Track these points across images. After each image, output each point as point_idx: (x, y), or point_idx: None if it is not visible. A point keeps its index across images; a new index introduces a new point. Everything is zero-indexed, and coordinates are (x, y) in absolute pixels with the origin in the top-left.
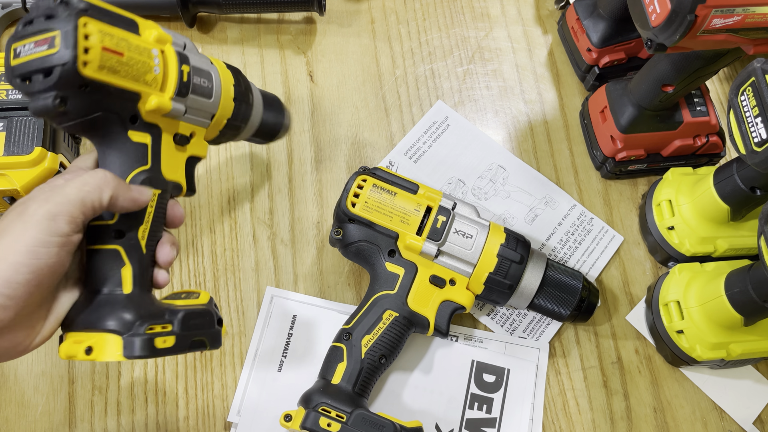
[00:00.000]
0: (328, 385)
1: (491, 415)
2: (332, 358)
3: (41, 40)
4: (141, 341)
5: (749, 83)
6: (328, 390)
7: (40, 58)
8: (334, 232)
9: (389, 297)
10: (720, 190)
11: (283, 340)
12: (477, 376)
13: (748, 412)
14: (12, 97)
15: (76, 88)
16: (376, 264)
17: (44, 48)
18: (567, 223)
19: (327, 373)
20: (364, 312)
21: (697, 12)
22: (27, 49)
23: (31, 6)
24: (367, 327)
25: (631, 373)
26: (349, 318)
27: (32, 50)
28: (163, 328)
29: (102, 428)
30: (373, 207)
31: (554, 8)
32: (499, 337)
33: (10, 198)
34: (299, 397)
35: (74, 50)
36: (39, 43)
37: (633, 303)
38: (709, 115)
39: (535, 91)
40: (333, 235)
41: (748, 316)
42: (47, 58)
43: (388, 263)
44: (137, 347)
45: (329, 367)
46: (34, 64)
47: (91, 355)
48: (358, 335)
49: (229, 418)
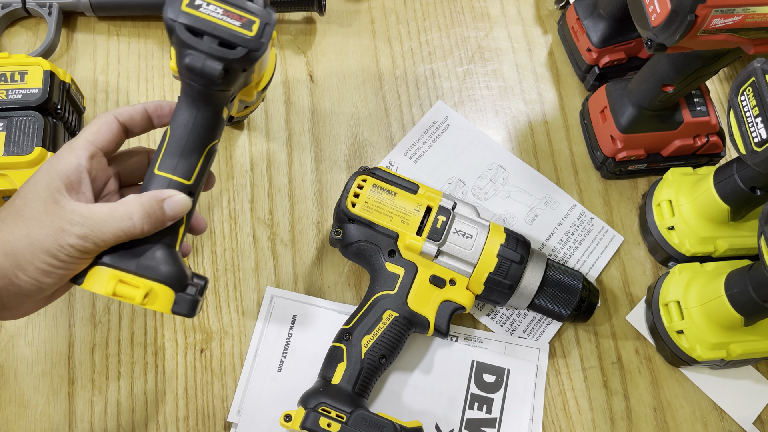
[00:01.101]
0: (328, 385)
1: (491, 416)
2: (332, 358)
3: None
4: (191, 301)
5: (749, 83)
6: (328, 390)
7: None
8: (334, 232)
9: (389, 297)
10: (720, 190)
11: (283, 340)
12: (477, 377)
13: (748, 413)
14: (12, 97)
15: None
16: (376, 264)
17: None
18: (567, 223)
19: (327, 373)
20: (364, 312)
21: (697, 12)
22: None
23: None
24: (367, 327)
25: (631, 373)
26: (348, 318)
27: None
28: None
29: (102, 428)
30: (373, 207)
31: (554, 8)
32: (499, 337)
33: (9, 198)
34: (299, 397)
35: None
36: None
37: (633, 303)
38: (709, 115)
39: (535, 91)
40: (333, 235)
41: (749, 316)
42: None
43: (388, 263)
44: (186, 307)
45: (329, 367)
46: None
47: (146, 301)
48: (358, 335)
49: (229, 418)
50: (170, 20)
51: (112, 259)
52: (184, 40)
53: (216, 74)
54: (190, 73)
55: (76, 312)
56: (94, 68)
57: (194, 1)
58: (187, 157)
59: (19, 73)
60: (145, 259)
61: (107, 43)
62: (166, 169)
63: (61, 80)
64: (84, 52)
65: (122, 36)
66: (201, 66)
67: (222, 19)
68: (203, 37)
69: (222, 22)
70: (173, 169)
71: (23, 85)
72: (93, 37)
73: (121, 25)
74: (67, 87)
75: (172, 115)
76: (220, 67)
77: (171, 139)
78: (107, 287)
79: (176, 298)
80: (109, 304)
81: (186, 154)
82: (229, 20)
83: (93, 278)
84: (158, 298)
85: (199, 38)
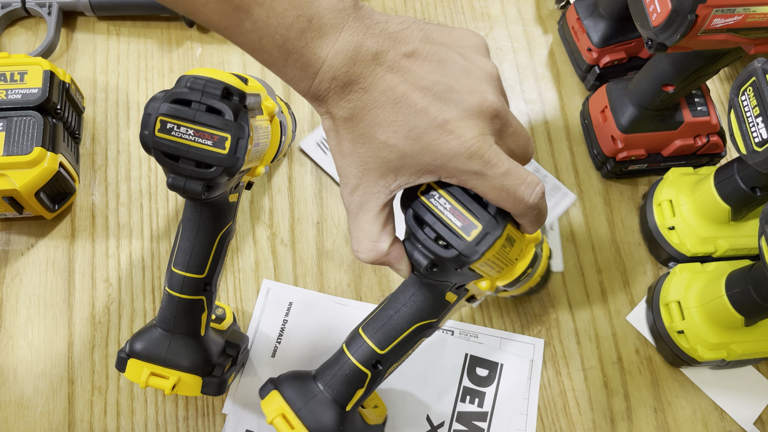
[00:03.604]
0: (343, 412)
1: (483, 409)
2: (354, 382)
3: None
4: (217, 383)
5: (750, 83)
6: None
7: None
8: (430, 266)
9: (432, 326)
10: (721, 190)
11: (278, 327)
12: (470, 370)
13: (749, 413)
14: (11, 97)
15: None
16: (436, 294)
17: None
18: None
19: (344, 397)
20: (403, 341)
21: (698, 12)
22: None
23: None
24: (399, 356)
25: (632, 374)
26: (380, 340)
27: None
28: (228, 368)
29: (102, 429)
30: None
31: (554, 8)
32: (495, 332)
33: (9, 198)
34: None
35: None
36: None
37: (633, 303)
38: (709, 114)
39: (536, 90)
40: (427, 267)
41: (749, 317)
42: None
43: (449, 293)
44: (213, 389)
45: (348, 392)
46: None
47: (175, 390)
48: (389, 365)
49: (224, 411)
50: (146, 145)
51: (144, 352)
52: (163, 165)
53: (198, 192)
54: (176, 192)
55: (75, 312)
56: (93, 68)
57: (166, 125)
58: (198, 252)
59: (18, 73)
60: (171, 353)
61: (107, 43)
62: (179, 267)
63: (61, 80)
64: (84, 51)
65: (122, 36)
66: (183, 186)
67: (194, 141)
68: (179, 161)
69: (194, 143)
70: (186, 265)
71: (23, 85)
72: (93, 37)
73: (120, 24)
74: (66, 87)
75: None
76: (200, 188)
77: (181, 237)
78: (142, 378)
79: (204, 381)
80: (108, 304)
81: (197, 248)
82: (201, 140)
83: (131, 369)
84: (187, 386)
85: (175, 162)
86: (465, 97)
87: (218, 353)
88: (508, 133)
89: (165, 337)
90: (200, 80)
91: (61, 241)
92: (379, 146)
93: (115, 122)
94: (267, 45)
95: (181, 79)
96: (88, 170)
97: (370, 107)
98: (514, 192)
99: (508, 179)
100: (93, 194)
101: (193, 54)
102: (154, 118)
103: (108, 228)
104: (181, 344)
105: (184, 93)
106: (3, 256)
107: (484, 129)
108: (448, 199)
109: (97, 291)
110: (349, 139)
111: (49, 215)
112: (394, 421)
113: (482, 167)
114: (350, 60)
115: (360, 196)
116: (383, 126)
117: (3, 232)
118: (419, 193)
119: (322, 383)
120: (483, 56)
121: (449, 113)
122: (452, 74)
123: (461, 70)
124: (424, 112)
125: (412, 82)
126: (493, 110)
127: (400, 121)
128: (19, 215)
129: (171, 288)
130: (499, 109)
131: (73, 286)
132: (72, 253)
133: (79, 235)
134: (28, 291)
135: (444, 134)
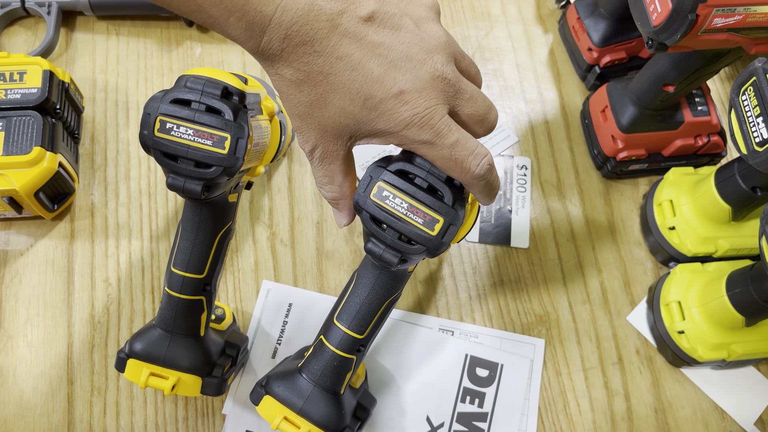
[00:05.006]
0: (337, 395)
1: (483, 410)
2: (342, 370)
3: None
4: (217, 384)
5: (750, 83)
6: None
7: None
8: (400, 262)
9: (399, 295)
10: (721, 190)
11: (278, 328)
12: (470, 371)
13: (749, 413)
14: (11, 97)
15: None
16: (399, 272)
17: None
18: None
19: (336, 385)
20: (378, 319)
21: (699, 11)
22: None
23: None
24: (378, 331)
25: (632, 374)
26: (358, 325)
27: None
28: (227, 368)
29: (101, 429)
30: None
31: (555, 7)
32: (495, 332)
33: (8, 198)
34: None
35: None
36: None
37: (634, 303)
38: (710, 114)
39: (536, 90)
40: (398, 264)
41: (750, 317)
42: None
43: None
44: (213, 390)
45: (339, 380)
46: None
47: (174, 390)
48: (370, 343)
49: (224, 411)
50: (145, 145)
51: (144, 352)
52: (162, 165)
53: (197, 193)
54: (175, 191)
55: (75, 312)
56: (93, 68)
57: (165, 125)
58: (198, 252)
59: (18, 72)
60: (170, 353)
61: (106, 43)
62: (179, 267)
63: (60, 80)
64: (83, 51)
65: (121, 35)
66: (182, 186)
67: (194, 141)
68: (178, 161)
69: (194, 143)
70: (185, 265)
71: (22, 85)
72: (92, 37)
73: (120, 24)
74: (66, 86)
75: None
76: (199, 188)
77: (181, 237)
78: (141, 379)
79: (204, 382)
80: (108, 304)
81: (197, 248)
82: (201, 140)
83: (131, 369)
84: (187, 386)
85: (174, 162)
86: (418, 66)
87: (218, 353)
88: (464, 99)
89: (164, 338)
90: (200, 80)
91: (61, 241)
92: (336, 112)
93: (115, 122)
94: (204, 4)
95: (181, 79)
96: (88, 170)
97: (327, 72)
98: (462, 162)
99: (456, 150)
100: (92, 194)
101: (192, 54)
102: (153, 117)
103: (107, 228)
104: (180, 344)
105: (183, 93)
106: (2, 256)
107: (436, 99)
108: (404, 198)
109: (96, 291)
110: (304, 102)
111: (49, 215)
112: (394, 421)
113: (432, 137)
114: (302, 18)
115: (320, 153)
116: (340, 93)
117: (2, 232)
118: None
119: (312, 377)
120: (435, 23)
121: (404, 83)
122: (407, 42)
123: (414, 38)
124: (380, 82)
125: (369, 49)
126: (444, 79)
127: (355, 89)
128: (18, 215)
129: (170, 288)
130: (450, 77)
131: (73, 286)
132: (71, 253)
133: (78, 235)
134: (27, 291)
135: (398, 104)
